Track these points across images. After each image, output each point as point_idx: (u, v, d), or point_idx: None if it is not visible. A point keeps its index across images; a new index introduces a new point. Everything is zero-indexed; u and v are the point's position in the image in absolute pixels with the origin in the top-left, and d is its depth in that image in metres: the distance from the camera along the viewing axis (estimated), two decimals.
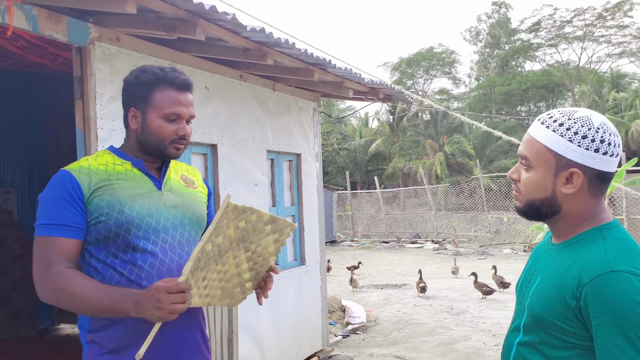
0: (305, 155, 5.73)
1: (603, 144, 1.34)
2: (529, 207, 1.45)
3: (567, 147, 1.35)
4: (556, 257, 1.42)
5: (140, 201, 1.78)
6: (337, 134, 33.05)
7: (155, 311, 1.59)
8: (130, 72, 1.87)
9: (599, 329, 1.25)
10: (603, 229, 1.38)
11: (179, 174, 1.97)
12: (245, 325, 4.62)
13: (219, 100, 4.48)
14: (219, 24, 3.48)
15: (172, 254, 1.79)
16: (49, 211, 1.72)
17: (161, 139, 1.81)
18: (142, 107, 1.82)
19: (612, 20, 30.40)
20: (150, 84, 1.80)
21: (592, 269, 1.29)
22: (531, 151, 1.41)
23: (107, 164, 1.81)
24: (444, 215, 20.83)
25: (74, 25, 3.24)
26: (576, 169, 1.35)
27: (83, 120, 3.38)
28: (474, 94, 37.98)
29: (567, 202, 1.40)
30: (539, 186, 1.41)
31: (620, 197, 14.41)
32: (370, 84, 5.49)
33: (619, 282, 1.25)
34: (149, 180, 1.84)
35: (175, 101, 1.80)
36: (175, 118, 1.81)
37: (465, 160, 27.27)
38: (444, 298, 9.34)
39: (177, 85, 1.81)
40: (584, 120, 1.35)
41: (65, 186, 1.72)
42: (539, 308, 1.38)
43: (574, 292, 1.30)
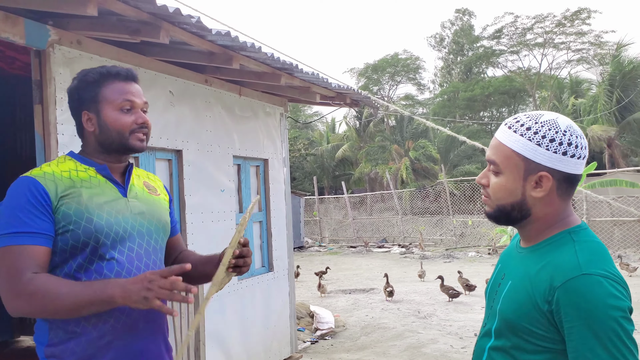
0: (272, 160, 5.69)
1: (570, 146, 1.35)
2: (499, 212, 1.45)
3: (536, 151, 1.35)
4: (526, 261, 1.42)
5: (108, 209, 1.73)
6: (304, 140, 33.07)
7: (143, 292, 1.53)
8: (72, 80, 1.83)
9: (572, 332, 1.25)
10: (572, 232, 1.39)
11: (142, 180, 1.93)
12: (213, 333, 4.55)
13: (183, 105, 4.41)
14: (184, 27, 3.42)
15: (138, 263, 1.74)
16: (15, 219, 1.62)
17: (121, 132, 1.77)
18: (94, 107, 1.78)
19: (571, 28, 31.30)
20: (96, 82, 1.78)
21: (563, 273, 1.29)
22: (500, 156, 1.41)
23: (70, 170, 1.75)
24: (410, 219, 21.02)
25: (32, 28, 3.14)
26: (545, 172, 1.36)
27: (42, 125, 3.28)
28: (438, 100, 38.54)
29: (537, 206, 1.40)
30: (509, 191, 1.41)
31: (581, 200, 14.76)
32: (337, 89, 5.49)
33: (591, 285, 1.26)
34: (113, 187, 1.79)
35: (124, 91, 1.78)
36: (129, 108, 1.78)
37: (430, 164, 27.62)
38: (412, 302, 9.40)
39: (122, 76, 1.79)
40: (551, 124, 1.36)
41: (32, 192, 1.64)
42: (511, 312, 1.38)
43: (545, 296, 1.30)
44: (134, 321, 1.72)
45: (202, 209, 4.53)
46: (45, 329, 1.69)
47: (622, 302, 1.25)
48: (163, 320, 1.83)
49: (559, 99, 30.65)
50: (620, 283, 1.28)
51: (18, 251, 1.60)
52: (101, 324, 1.67)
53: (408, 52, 41.51)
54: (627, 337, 1.23)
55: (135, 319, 1.72)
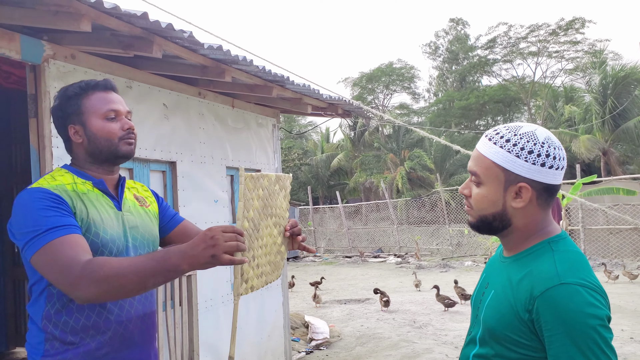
0: (265, 170, 5.74)
1: (549, 158, 1.39)
2: (481, 222, 1.49)
3: (515, 163, 1.39)
4: (508, 271, 1.45)
5: (110, 223, 1.76)
6: (298, 150, 33.14)
7: (209, 250, 1.48)
8: (54, 100, 1.88)
9: (552, 341, 1.28)
10: (552, 242, 1.42)
11: (132, 192, 1.96)
12: (207, 343, 4.57)
13: (177, 117, 4.46)
14: (176, 42, 3.48)
15: None
16: (44, 219, 1.60)
17: (109, 139, 1.80)
18: (78, 120, 1.81)
19: (565, 37, 31.54)
20: (77, 95, 1.82)
21: (542, 282, 1.32)
22: (480, 167, 1.45)
23: (71, 183, 1.77)
24: (406, 229, 21.04)
25: (27, 43, 3.19)
26: (524, 183, 1.39)
27: (37, 138, 3.32)
28: (433, 109, 38.71)
29: (517, 216, 1.43)
30: (490, 201, 1.44)
31: (577, 209, 14.82)
32: (329, 99, 5.55)
33: (569, 294, 1.29)
34: (110, 201, 1.82)
35: (106, 100, 1.82)
36: (114, 116, 1.82)
37: (426, 174, 27.69)
38: (407, 312, 9.42)
39: (100, 87, 1.84)
40: (530, 136, 1.39)
41: (48, 198, 1.65)
42: (494, 321, 1.41)
43: (526, 305, 1.33)
44: (130, 333, 1.76)
45: (196, 220, 4.57)
46: (41, 339, 1.70)
47: (600, 310, 1.28)
48: (153, 329, 1.88)
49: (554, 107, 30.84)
50: (598, 292, 1.31)
51: (63, 242, 1.57)
52: (99, 336, 1.70)
53: (402, 61, 41.81)
54: (605, 345, 1.26)
55: (131, 331, 1.76)
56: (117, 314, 1.73)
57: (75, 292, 1.55)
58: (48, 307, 1.70)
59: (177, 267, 1.53)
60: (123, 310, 1.74)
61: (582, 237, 14.76)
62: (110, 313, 1.72)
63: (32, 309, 1.74)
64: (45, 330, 1.70)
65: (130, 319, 1.76)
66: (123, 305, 1.74)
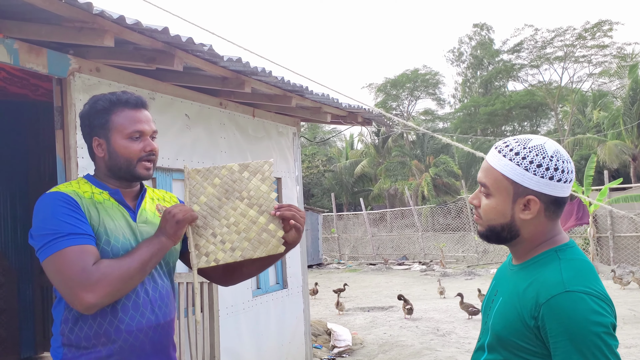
0: (285, 179, 5.81)
1: (557, 171, 1.40)
2: (490, 232, 1.51)
3: (524, 176, 1.41)
4: (516, 278, 1.48)
5: (122, 233, 1.80)
6: (322, 156, 33.19)
7: (172, 220, 1.77)
8: (83, 106, 1.91)
9: (557, 348, 1.30)
10: (558, 250, 1.44)
11: (155, 203, 1.99)
12: (227, 349, 4.64)
13: (199, 127, 4.56)
14: (197, 55, 3.57)
15: (147, 287, 1.82)
16: (60, 224, 1.68)
17: (129, 159, 1.82)
18: (103, 134, 1.84)
19: (592, 41, 31.01)
20: (106, 109, 1.83)
21: (548, 290, 1.34)
22: (490, 179, 1.47)
23: (88, 192, 1.83)
24: (431, 236, 20.90)
25: (54, 58, 3.32)
26: (533, 196, 1.41)
27: (64, 149, 3.43)
28: (458, 115, 38.44)
29: (525, 227, 1.46)
30: (499, 212, 1.47)
31: (605, 216, 14.55)
32: (348, 108, 5.60)
33: (574, 301, 1.30)
34: (125, 211, 1.86)
35: (134, 119, 1.83)
36: (138, 136, 1.83)
37: (452, 180, 27.48)
38: (431, 319, 9.37)
39: (131, 104, 1.84)
40: (539, 149, 1.42)
41: (66, 202, 1.73)
42: (501, 328, 1.43)
43: (532, 312, 1.35)
44: (141, 343, 1.79)
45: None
46: (60, 343, 1.78)
47: (604, 318, 1.30)
48: (169, 340, 1.90)
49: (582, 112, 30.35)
50: (603, 300, 1.33)
51: (75, 251, 1.66)
52: (110, 345, 1.75)
53: (428, 67, 41.62)
54: (609, 352, 1.28)
55: (142, 341, 1.79)
56: (127, 324, 1.77)
57: (84, 300, 1.63)
58: (66, 312, 1.78)
59: (164, 244, 1.79)
60: (134, 320, 1.78)
61: (611, 244, 14.49)
62: (121, 322, 1.76)
63: (55, 311, 1.81)
64: (63, 335, 1.77)
65: (141, 329, 1.79)
66: (134, 315, 1.78)
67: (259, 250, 1.91)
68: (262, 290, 5.37)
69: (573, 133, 29.00)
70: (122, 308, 1.76)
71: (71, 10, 2.75)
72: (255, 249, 1.91)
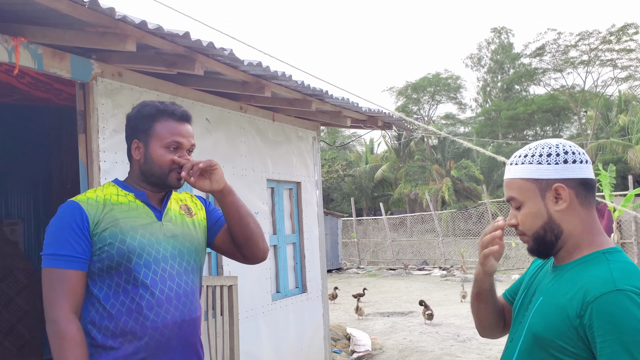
0: (305, 183, 5.81)
1: (568, 154, 1.45)
2: (537, 242, 1.50)
3: (539, 169, 1.46)
4: (559, 278, 1.46)
5: (141, 231, 1.85)
6: (342, 161, 33.15)
7: None
8: (132, 107, 1.98)
9: (604, 347, 1.27)
10: (607, 253, 1.43)
11: (180, 203, 2.04)
12: (247, 353, 4.65)
13: (219, 131, 4.58)
14: (217, 59, 3.59)
15: (170, 283, 1.86)
16: (56, 241, 1.80)
17: (162, 168, 1.89)
18: (144, 139, 1.91)
19: (617, 44, 30.52)
20: (151, 116, 1.90)
21: (597, 288, 1.32)
22: (513, 190, 1.50)
23: (111, 195, 1.90)
24: (452, 241, 20.73)
25: (77, 62, 3.36)
26: (557, 183, 1.44)
27: (86, 153, 3.47)
28: (480, 119, 38.14)
29: (565, 220, 1.46)
30: (535, 215, 1.48)
31: (629, 221, 14.32)
32: (368, 112, 5.59)
33: (624, 300, 1.28)
34: (150, 211, 1.91)
35: (175, 131, 1.89)
36: (176, 147, 1.89)
37: (473, 185, 27.24)
38: (451, 325, 9.28)
39: (176, 116, 1.91)
40: (543, 144, 1.49)
41: (74, 216, 1.81)
42: (541, 327, 1.41)
43: (578, 310, 1.33)
44: (167, 340, 1.83)
45: None
46: (88, 345, 1.81)
47: None
48: (195, 337, 1.93)
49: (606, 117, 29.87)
50: None
51: (56, 275, 1.79)
52: (136, 342, 1.79)
53: (449, 71, 41.43)
54: None
55: (168, 337, 1.83)
56: (152, 320, 1.81)
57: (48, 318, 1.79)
58: (93, 312, 1.83)
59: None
60: (159, 317, 1.82)
61: (635, 250, 14.22)
62: (146, 319, 1.80)
63: (83, 312, 1.86)
64: (90, 334, 1.81)
65: (167, 325, 1.83)
66: (159, 312, 1.82)
67: None
68: (282, 294, 5.37)
69: (596, 138, 28.58)
70: (146, 305, 1.80)
71: (94, 16, 2.79)
72: None
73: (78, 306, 1.81)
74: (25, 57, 3.02)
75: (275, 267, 5.32)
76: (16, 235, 6.50)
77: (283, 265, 5.42)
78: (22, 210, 6.60)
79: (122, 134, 2.00)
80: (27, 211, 6.62)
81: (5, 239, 6.36)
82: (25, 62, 3.03)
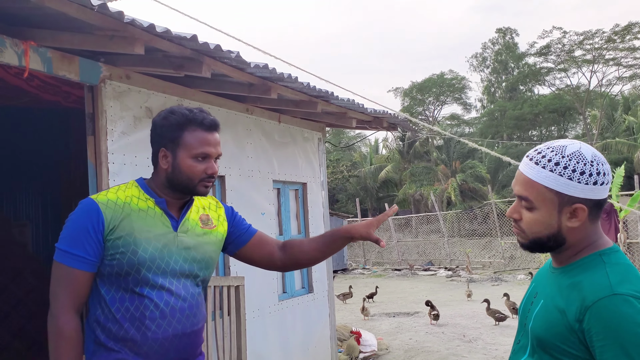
0: (311, 184, 5.84)
1: (600, 175, 1.40)
2: (534, 243, 1.50)
3: (569, 185, 1.39)
4: (558, 281, 1.47)
5: (154, 243, 1.84)
6: (347, 161, 33.14)
7: None
8: (158, 113, 1.93)
9: (603, 351, 1.29)
10: (603, 254, 1.43)
11: (199, 213, 2.00)
12: (254, 352, 4.68)
13: (226, 133, 4.62)
14: (224, 61, 3.63)
15: (176, 297, 1.86)
16: (71, 238, 1.81)
17: (191, 179, 1.87)
18: (172, 148, 1.87)
19: (622, 43, 30.42)
20: (179, 125, 1.85)
21: (594, 292, 1.33)
22: (532, 193, 1.44)
23: (132, 197, 1.88)
24: (457, 241, 20.72)
25: (85, 65, 3.40)
26: (579, 204, 1.40)
27: (95, 155, 3.51)
28: (484, 119, 38.07)
29: (571, 234, 1.45)
30: (545, 225, 1.45)
31: (635, 221, 14.28)
32: (374, 113, 5.62)
33: (622, 304, 1.29)
34: (167, 220, 1.89)
35: (204, 141, 1.86)
36: (204, 157, 1.87)
37: (478, 185, 27.21)
38: (457, 325, 9.29)
39: (205, 125, 1.87)
40: (578, 156, 1.40)
41: (90, 217, 1.81)
42: (542, 331, 1.42)
43: (577, 315, 1.34)
44: (166, 351, 1.84)
45: None
46: (92, 339, 1.86)
47: None
48: (195, 348, 1.94)
49: (611, 117, 29.76)
50: None
51: (65, 272, 1.81)
52: (136, 349, 1.81)
53: (454, 72, 41.33)
54: None
55: (167, 349, 1.84)
56: (153, 331, 1.82)
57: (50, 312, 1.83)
58: (99, 311, 1.85)
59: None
60: (160, 328, 1.83)
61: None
62: (148, 330, 1.82)
63: (90, 309, 1.89)
64: (94, 333, 1.84)
65: (167, 337, 1.84)
66: (161, 324, 1.83)
67: None
68: (288, 294, 5.40)
69: (602, 137, 28.48)
70: (149, 315, 1.81)
71: (103, 19, 2.82)
72: None
73: (81, 305, 1.83)
74: (34, 61, 3.06)
75: None
76: (25, 237, 6.54)
77: None
78: (30, 211, 6.65)
79: (131, 136, 2.03)
80: (35, 213, 6.67)
81: (14, 240, 6.41)
82: (35, 65, 3.07)
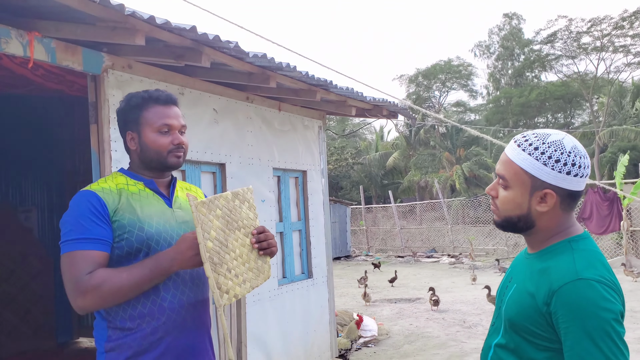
0: (311, 171, 5.92)
1: (574, 167, 1.46)
2: (506, 222, 1.59)
3: (542, 170, 1.47)
4: (530, 266, 1.56)
5: (156, 219, 1.95)
6: (351, 149, 33.14)
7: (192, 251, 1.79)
8: (119, 103, 2.07)
9: (568, 333, 1.37)
10: (572, 241, 1.51)
11: (184, 192, 2.13)
12: (254, 335, 4.79)
13: (226, 121, 4.70)
14: (223, 51, 3.70)
15: None
16: (78, 226, 1.82)
17: (159, 151, 1.97)
18: (136, 128, 1.99)
19: (630, 30, 30.11)
20: (138, 105, 1.98)
21: (561, 277, 1.42)
22: (509, 172, 1.53)
23: (122, 184, 1.97)
24: (461, 229, 20.78)
25: (88, 55, 3.48)
26: (550, 190, 1.48)
27: (98, 143, 3.60)
28: (490, 106, 37.90)
29: (541, 218, 1.53)
30: (516, 204, 1.53)
31: (639, 209, 14.28)
32: (373, 101, 5.67)
33: (585, 288, 1.38)
34: (160, 199, 2.01)
35: (163, 115, 1.98)
36: (167, 130, 1.97)
37: (483, 173, 27.21)
38: (457, 311, 9.40)
39: (161, 100, 1.99)
40: (557, 145, 1.47)
41: (92, 203, 1.86)
42: (514, 313, 1.51)
43: (545, 298, 1.43)
44: (183, 319, 1.94)
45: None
46: (104, 326, 1.92)
47: (614, 305, 1.37)
48: (206, 316, 2.05)
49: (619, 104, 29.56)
50: (613, 288, 1.41)
51: (79, 255, 1.80)
52: (154, 322, 1.89)
53: (461, 58, 41.11)
54: (618, 338, 1.35)
55: (184, 317, 1.94)
56: (169, 301, 1.91)
57: (77, 302, 1.80)
58: None
59: (168, 270, 1.83)
60: (175, 298, 1.92)
61: None
62: (164, 300, 1.91)
63: None
64: (108, 319, 1.91)
65: (183, 305, 1.93)
66: (175, 294, 1.93)
67: (260, 279, 1.96)
68: (288, 279, 5.51)
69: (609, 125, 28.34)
70: (163, 287, 1.90)
71: (105, 11, 2.90)
72: (257, 278, 1.95)
73: None
74: (39, 51, 3.15)
75: (281, 253, 5.46)
76: (30, 222, 6.67)
77: (289, 251, 5.56)
78: (36, 197, 6.77)
79: None
80: (41, 198, 6.80)
81: (20, 225, 6.54)
82: (40, 55, 3.15)
